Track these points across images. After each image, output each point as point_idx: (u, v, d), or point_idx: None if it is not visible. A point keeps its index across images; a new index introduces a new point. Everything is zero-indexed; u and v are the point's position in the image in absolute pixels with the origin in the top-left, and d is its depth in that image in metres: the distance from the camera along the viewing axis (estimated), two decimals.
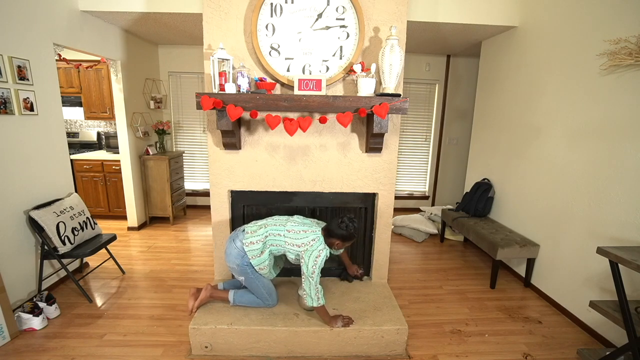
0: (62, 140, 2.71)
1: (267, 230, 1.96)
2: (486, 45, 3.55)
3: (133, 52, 3.73)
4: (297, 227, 1.94)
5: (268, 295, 2.08)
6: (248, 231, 2.00)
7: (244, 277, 2.03)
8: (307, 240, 1.89)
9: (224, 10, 2.12)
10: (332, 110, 2.00)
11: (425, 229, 3.90)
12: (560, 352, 2.07)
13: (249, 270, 2.01)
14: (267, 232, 1.96)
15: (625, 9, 2.03)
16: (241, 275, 2.03)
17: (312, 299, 1.88)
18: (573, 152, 2.39)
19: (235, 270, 2.03)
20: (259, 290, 2.05)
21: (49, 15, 2.54)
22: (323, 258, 1.86)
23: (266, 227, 1.98)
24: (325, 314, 1.95)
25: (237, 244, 1.99)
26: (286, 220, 2.00)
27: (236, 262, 1.99)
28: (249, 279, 2.03)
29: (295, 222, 1.98)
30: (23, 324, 2.13)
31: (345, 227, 1.84)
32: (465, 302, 2.60)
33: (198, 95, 1.91)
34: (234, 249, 1.99)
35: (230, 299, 2.08)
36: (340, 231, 1.85)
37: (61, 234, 2.39)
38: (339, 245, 1.91)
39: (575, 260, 2.35)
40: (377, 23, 2.17)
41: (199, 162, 4.81)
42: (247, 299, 2.09)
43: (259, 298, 2.07)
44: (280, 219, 2.03)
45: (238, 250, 1.98)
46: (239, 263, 1.99)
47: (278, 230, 1.95)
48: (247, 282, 2.05)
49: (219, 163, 2.30)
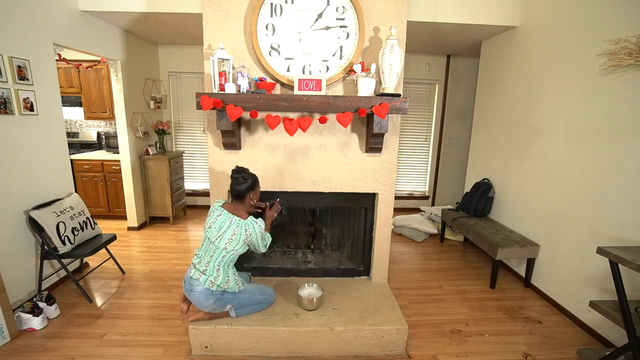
0: (62, 140, 2.71)
1: (213, 263, 1.86)
2: (486, 45, 3.55)
3: (133, 52, 3.73)
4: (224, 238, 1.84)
5: (263, 296, 2.07)
6: (196, 276, 1.86)
7: (229, 305, 1.95)
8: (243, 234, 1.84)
9: (224, 10, 2.12)
10: (332, 110, 2.00)
11: (425, 229, 3.90)
12: (560, 352, 2.07)
13: (228, 296, 1.92)
14: (215, 263, 1.86)
15: (625, 9, 2.03)
16: (225, 307, 1.94)
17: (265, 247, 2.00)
18: (573, 152, 2.39)
19: (217, 308, 1.92)
20: (252, 298, 2.02)
21: (49, 15, 2.54)
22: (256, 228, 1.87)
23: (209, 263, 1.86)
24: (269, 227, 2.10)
25: (198, 289, 1.85)
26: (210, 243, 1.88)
27: (210, 302, 1.87)
28: (235, 300, 1.95)
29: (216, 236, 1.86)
30: (23, 324, 2.13)
31: (242, 180, 1.89)
32: (465, 302, 2.60)
33: (198, 95, 1.91)
34: (200, 295, 1.85)
35: (232, 314, 1.99)
36: (243, 186, 1.90)
37: (61, 234, 2.39)
38: (254, 195, 1.96)
39: (575, 260, 2.35)
40: (377, 23, 2.17)
41: (199, 162, 4.81)
42: (249, 309, 2.03)
43: (258, 303, 2.05)
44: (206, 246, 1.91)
45: (204, 292, 1.85)
46: (213, 300, 1.88)
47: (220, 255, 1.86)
48: (237, 304, 1.97)
49: (219, 163, 2.30)
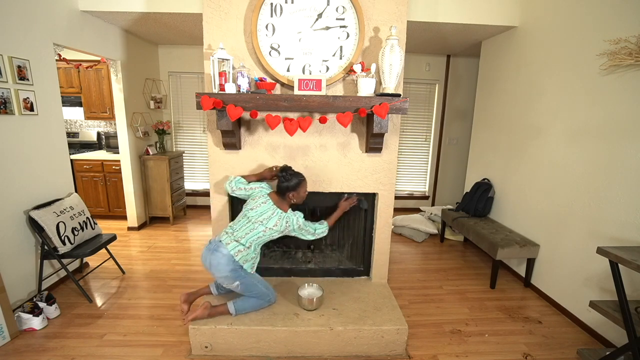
0: (62, 140, 2.72)
1: (249, 237, 1.94)
2: (486, 45, 3.55)
3: (133, 52, 3.73)
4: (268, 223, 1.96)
5: (267, 290, 2.07)
6: (227, 241, 1.94)
7: (238, 282, 1.96)
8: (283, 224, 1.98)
9: (224, 10, 2.12)
10: (332, 110, 2.00)
11: (425, 229, 3.90)
12: (560, 352, 2.07)
13: (242, 272, 1.95)
14: (250, 238, 1.94)
15: (625, 9, 2.03)
16: (235, 280, 1.95)
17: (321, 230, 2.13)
18: (573, 152, 2.39)
19: (228, 278, 1.94)
20: (257, 288, 2.02)
21: (49, 15, 2.54)
22: (302, 220, 2.04)
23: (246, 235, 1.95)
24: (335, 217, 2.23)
25: (224, 251, 1.91)
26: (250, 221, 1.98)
27: (227, 269, 1.91)
28: (244, 280, 1.97)
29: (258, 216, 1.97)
30: (23, 324, 2.13)
31: (286, 179, 1.99)
32: (465, 302, 2.60)
33: (198, 95, 1.91)
34: (222, 257, 1.91)
35: (232, 310, 1.99)
36: (285, 184, 1.99)
37: (61, 234, 2.39)
38: (295, 196, 2.02)
39: (575, 260, 2.35)
40: (377, 23, 2.17)
41: (199, 162, 4.81)
42: (249, 305, 2.03)
43: (259, 298, 2.04)
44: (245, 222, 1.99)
45: (227, 257, 1.91)
46: (231, 268, 1.91)
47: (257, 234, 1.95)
48: (244, 285, 1.98)
49: (219, 163, 2.30)
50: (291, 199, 2.02)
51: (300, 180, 2.02)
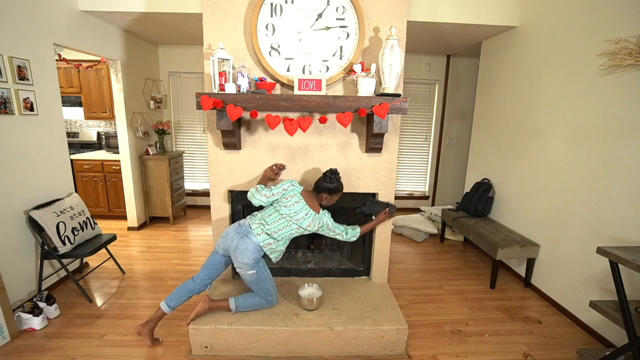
0: (62, 140, 2.71)
1: (281, 233, 2.00)
2: (486, 45, 3.55)
3: (133, 52, 3.73)
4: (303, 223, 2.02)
5: (273, 290, 2.07)
6: (259, 232, 1.96)
7: (254, 271, 1.97)
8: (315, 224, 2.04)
9: (224, 10, 2.12)
10: (332, 110, 2.00)
11: (425, 229, 3.90)
12: (560, 352, 2.07)
13: (261, 263, 2.01)
14: (283, 234, 2.01)
15: (625, 9, 2.03)
16: (253, 269, 1.96)
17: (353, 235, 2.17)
18: (573, 152, 2.39)
19: (249, 266, 1.94)
20: (266, 284, 2.03)
21: (49, 15, 2.54)
22: (326, 220, 2.08)
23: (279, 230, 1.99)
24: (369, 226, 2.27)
25: (253, 240, 1.95)
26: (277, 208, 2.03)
27: (253, 257, 1.93)
28: (260, 272, 1.99)
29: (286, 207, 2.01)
30: (23, 324, 2.13)
31: (329, 180, 2.03)
32: (465, 302, 2.60)
33: (198, 95, 1.91)
34: (251, 244, 1.94)
35: (232, 306, 2.01)
36: (325, 184, 2.03)
37: (61, 234, 2.39)
38: (327, 199, 2.06)
39: (575, 260, 2.35)
40: (377, 23, 2.17)
41: (199, 162, 4.81)
42: (250, 303, 2.04)
43: (263, 295, 2.04)
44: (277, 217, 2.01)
45: (255, 245, 1.94)
46: (255, 257, 1.94)
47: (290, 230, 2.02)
48: (257, 277, 1.99)
49: (219, 163, 2.30)
50: (323, 199, 2.06)
51: (340, 188, 2.07)
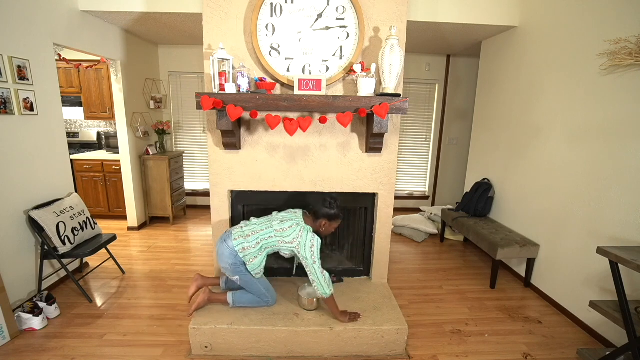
0: (62, 140, 2.71)
1: (258, 236, 1.98)
2: (486, 45, 3.55)
3: (133, 52, 3.73)
4: (282, 225, 1.98)
5: (266, 291, 2.08)
6: (236, 236, 1.99)
7: (238, 277, 2.02)
8: (296, 233, 1.94)
9: (224, 10, 2.12)
10: (332, 110, 2.00)
11: (425, 229, 3.90)
12: (560, 352, 2.07)
13: (242, 269, 2.01)
14: (259, 237, 1.98)
15: (625, 9, 2.03)
16: (235, 274, 2.02)
17: (323, 287, 1.91)
18: (573, 152, 2.39)
19: (229, 270, 2.03)
20: (255, 286, 2.05)
21: (49, 15, 2.54)
22: (317, 245, 1.92)
23: (255, 233, 1.99)
24: (335, 305, 1.99)
25: (230, 244, 1.99)
26: (269, 221, 2.03)
27: (229, 261, 2.00)
28: (244, 276, 2.02)
29: (278, 220, 2.01)
30: (23, 324, 2.13)
31: (329, 205, 1.97)
32: (465, 302, 2.60)
33: (198, 95, 1.91)
34: (227, 249, 1.99)
35: (230, 300, 2.07)
36: (325, 210, 1.97)
37: (61, 234, 2.39)
38: (325, 225, 2.00)
39: (575, 260, 2.35)
40: (377, 23, 2.16)
41: (199, 162, 4.81)
42: (247, 299, 2.08)
43: (258, 295, 2.07)
44: (263, 221, 2.05)
45: (230, 250, 1.98)
46: (232, 262, 1.99)
47: (268, 234, 1.98)
48: (243, 281, 2.04)
49: (219, 163, 2.29)
50: (322, 226, 2.00)
51: (340, 215, 2.02)
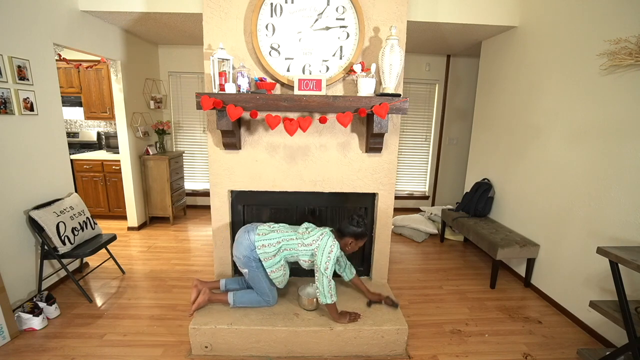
0: (62, 140, 2.71)
1: (280, 235, 1.99)
2: (486, 45, 3.55)
3: (133, 52, 3.73)
4: (307, 230, 2.00)
5: (269, 291, 2.07)
6: (260, 232, 2.00)
7: (247, 270, 2.02)
8: (317, 236, 1.93)
9: (224, 10, 2.12)
10: (332, 110, 2.00)
11: (425, 229, 3.90)
12: (560, 352, 2.07)
13: (254, 264, 2.00)
14: (280, 237, 1.98)
15: (625, 9, 2.03)
16: (245, 267, 2.02)
17: (325, 296, 1.90)
18: (573, 152, 2.39)
19: (240, 261, 2.02)
20: (260, 284, 2.04)
21: (49, 15, 2.54)
22: (335, 253, 1.88)
23: (278, 232, 2.00)
24: (335, 310, 1.98)
25: (251, 237, 1.99)
26: (295, 227, 2.07)
27: (244, 253, 1.99)
28: (252, 271, 2.02)
29: (304, 227, 2.04)
30: (23, 324, 2.13)
31: (356, 224, 1.90)
32: (465, 302, 2.60)
33: (198, 95, 1.91)
34: (246, 240, 1.99)
35: (230, 300, 2.07)
36: (352, 228, 1.90)
37: (61, 234, 2.39)
38: (352, 245, 1.94)
39: (575, 260, 2.35)
40: (377, 23, 2.17)
41: (199, 162, 4.81)
42: (247, 299, 2.08)
43: (259, 294, 2.07)
44: (289, 226, 2.08)
45: (249, 243, 1.98)
46: (246, 254, 1.98)
47: (290, 236, 1.99)
48: (250, 276, 2.04)
49: (219, 163, 2.29)
50: (348, 245, 1.94)
51: (366, 233, 1.96)
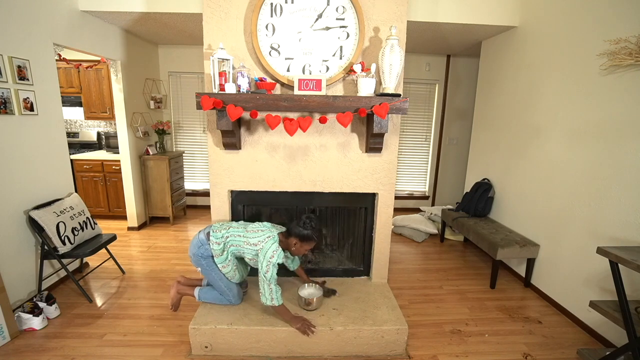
0: (62, 140, 2.71)
1: (228, 231, 2.00)
2: (486, 45, 3.55)
3: (133, 52, 3.73)
4: (255, 227, 2.01)
5: (228, 290, 2.09)
6: (214, 229, 2.03)
7: (200, 268, 2.08)
8: (263, 237, 1.92)
9: (224, 10, 2.12)
10: (332, 110, 2.00)
11: (425, 229, 3.90)
12: (560, 352, 2.07)
13: (203, 262, 2.05)
14: (229, 233, 2.00)
15: (625, 9, 2.03)
16: (197, 265, 2.08)
17: (265, 297, 1.89)
18: (573, 152, 2.39)
19: (192, 260, 2.09)
20: (216, 283, 2.09)
21: (49, 15, 2.54)
22: (277, 258, 1.87)
23: (228, 229, 2.02)
24: (284, 312, 1.94)
25: (200, 236, 2.04)
26: (246, 224, 2.07)
27: (192, 251, 2.06)
28: (204, 270, 2.07)
29: (255, 225, 2.04)
30: (23, 324, 2.13)
31: (302, 225, 1.88)
32: (465, 302, 2.60)
33: (198, 95, 1.91)
34: (195, 239, 2.06)
35: (196, 295, 2.14)
36: (297, 229, 1.89)
37: (61, 234, 2.39)
38: (297, 246, 1.92)
39: (575, 260, 2.35)
40: (377, 23, 2.16)
41: (199, 162, 4.81)
42: (210, 296, 2.12)
43: (220, 292, 2.10)
44: (242, 223, 2.09)
45: (197, 241, 2.04)
46: (194, 252, 2.05)
47: (238, 232, 1.99)
48: (205, 275, 2.09)
49: (219, 163, 2.30)
50: (292, 245, 1.93)
51: (314, 237, 1.90)
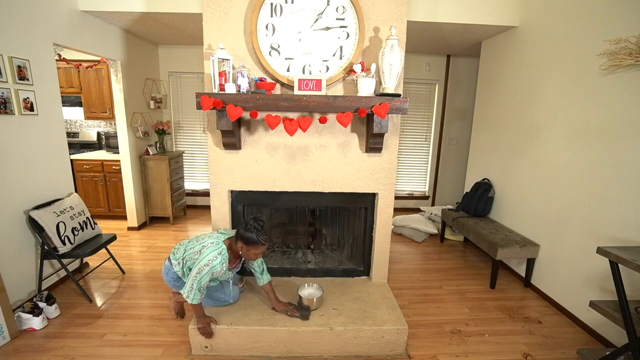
0: (62, 140, 2.71)
1: (185, 250, 1.94)
2: (486, 45, 3.55)
3: (133, 52, 3.73)
4: (205, 235, 1.94)
5: (219, 293, 2.11)
6: (174, 252, 2.04)
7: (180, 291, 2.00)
8: (206, 243, 1.83)
9: (224, 10, 2.12)
10: (332, 110, 2.00)
11: (425, 229, 3.90)
12: (560, 352, 2.07)
13: (178, 284, 2.06)
14: (186, 250, 1.94)
15: (625, 9, 2.03)
16: (176, 289, 2.11)
17: (186, 291, 1.80)
18: (573, 152, 2.39)
19: (170, 286, 2.11)
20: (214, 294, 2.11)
21: (49, 15, 2.54)
22: (211, 268, 1.75)
23: (186, 247, 1.96)
24: (196, 310, 1.88)
25: (166, 263, 2.06)
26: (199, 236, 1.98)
27: (165, 278, 2.08)
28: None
29: (206, 234, 1.95)
30: (23, 324, 2.13)
31: (246, 227, 1.76)
32: (465, 302, 2.60)
33: (198, 95, 1.91)
34: (164, 267, 2.07)
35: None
36: (241, 231, 1.78)
37: (61, 234, 2.39)
38: (243, 250, 1.80)
39: (575, 260, 2.35)
40: (377, 23, 2.17)
41: (199, 162, 4.81)
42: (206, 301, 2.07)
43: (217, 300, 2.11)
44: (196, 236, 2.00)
45: (164, 268, 2.07)
46: (166, 280, 2.07)
47: (192, 246, 1.91)
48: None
49: (219, 163, 2.30)
50: (240, 249, 1.81)
51: (260, 241, 1.75)
